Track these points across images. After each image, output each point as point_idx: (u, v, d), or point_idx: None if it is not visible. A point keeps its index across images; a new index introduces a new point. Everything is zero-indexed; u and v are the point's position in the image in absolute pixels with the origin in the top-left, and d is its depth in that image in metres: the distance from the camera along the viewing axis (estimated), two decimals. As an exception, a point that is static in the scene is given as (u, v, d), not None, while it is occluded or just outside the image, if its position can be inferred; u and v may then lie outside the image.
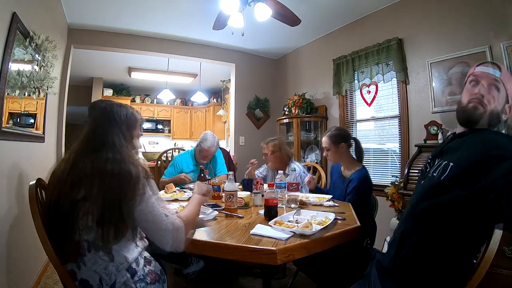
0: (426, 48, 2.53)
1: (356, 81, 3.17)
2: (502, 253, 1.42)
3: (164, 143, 6.59)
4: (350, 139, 1.87)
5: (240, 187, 1.98)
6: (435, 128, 2.32)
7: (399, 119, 2.76)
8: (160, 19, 3.27)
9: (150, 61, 4.76)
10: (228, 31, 2.70)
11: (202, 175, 1.92)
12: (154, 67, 5.14)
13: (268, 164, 2.37)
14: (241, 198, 1.53)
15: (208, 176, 2.01)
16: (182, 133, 6.74)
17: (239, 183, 2.01)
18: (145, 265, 1.01)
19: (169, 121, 6.69)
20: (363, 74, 3.07)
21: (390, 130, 2.90)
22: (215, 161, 2.50)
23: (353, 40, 3.20)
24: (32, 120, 2.11)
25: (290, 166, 2.28)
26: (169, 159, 3.47)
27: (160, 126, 6.62)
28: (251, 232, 1.06)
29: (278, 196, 1.46)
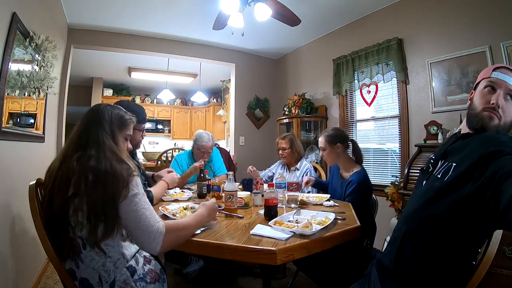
0: (426, 48, 2.53)
1: (356, 81, 3.17)
2: (502, 253, 1.42)
3: (164, 143, 6.59)
4: (348, 140, 1.85)
5: (240, 187, 1.98)
6: (435, 128, 2.32)
7: (399, 119, 2.76)
8: (160, 19, 3.27)
9: (150, 61, 4.76)
10: (228, 31, 2.70)
11: (202, 175, 1.92)
12: (154, 67, 5.14)
13: (283, 160, 2.43)
14: (241, 198, 1.53)
15: (208, 176, 2.01)
16: (182, 133, 6.75)
17: (239, 183, 2.01)
18: (145, 264, 1.02)
19: (169, 121, 6.69)
20: (363, 74, 3.07)
21: (390, 130, 2.90)
22: (213, 161, 2.49)
23: (353, 40, 3.20)
24: (32, 120, 2.11)
25: (302, 163, 2.30)
26: (169, 159, 3.47)
27: (160, 126, 6.62)
28: (251, 232, 1.06)
29: (278, 196, 1.46)
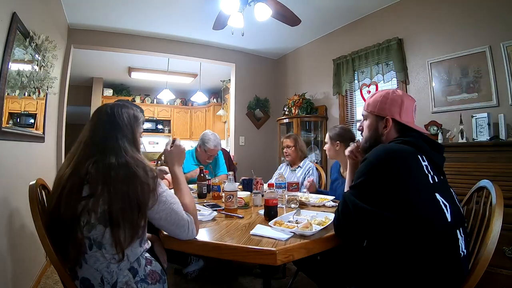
0: (426, 48, 2.53)
1: (356, 81, 3.17)
2: (502, 253, 1.41)
3: (164, 143, 6.55)
4: (350, 141, 1.85)
5: (240, 187, 1.98)
6: (435, 128, 2.32)
7: (399, 119, 2.76)
8: (160, 19, 3.27)
9: (150, 61, 4.76)
10: (228, 31, 2.70)
11: (202, 175, 1.92)
12: (154, 67, 5.14)
13: (287, 158, 2.43)
14: (241, 198, 1.53)
15: (208, 176, 2.01)
16: (182, 133, 6.74)
17: (239, 183, 2.01)
18: (146, 265, 1.02)
19: (169, 121, 6.69)
20: (363, 74, 3.07)
21: (390, 130, 2.90)
22: (216, 161, 2.49)
23: (353, 40, 3.20)
24: (32, 120, 2.11)
25: (305, 163, 2.32)
26: (169, 159, 3.45)
27: (160, 126, 6.61)
28: (251, 233, 1.06)
29: (278, 196, 1.46)
